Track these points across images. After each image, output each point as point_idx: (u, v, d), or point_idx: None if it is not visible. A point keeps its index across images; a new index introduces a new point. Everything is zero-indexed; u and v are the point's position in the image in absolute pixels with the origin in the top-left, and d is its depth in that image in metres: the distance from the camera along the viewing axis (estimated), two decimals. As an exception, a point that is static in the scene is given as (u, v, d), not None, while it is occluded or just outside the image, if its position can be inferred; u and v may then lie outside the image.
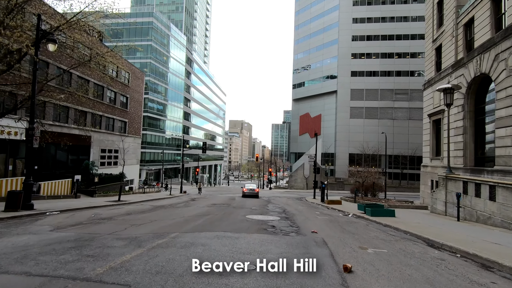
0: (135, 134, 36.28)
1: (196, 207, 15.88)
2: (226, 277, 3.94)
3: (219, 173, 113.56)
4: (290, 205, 20.30)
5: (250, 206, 17.00)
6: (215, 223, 9.38)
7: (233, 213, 12.93)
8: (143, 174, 57.36)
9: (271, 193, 41.06)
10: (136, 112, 36.20)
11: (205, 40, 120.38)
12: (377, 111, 56.75)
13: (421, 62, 55.85)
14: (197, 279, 3.88)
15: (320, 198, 25.28)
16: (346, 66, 58.19)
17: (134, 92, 35.70)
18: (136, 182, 37.04)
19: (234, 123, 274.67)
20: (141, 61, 57.46)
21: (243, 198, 27.39)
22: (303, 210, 16.34)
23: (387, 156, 55.12)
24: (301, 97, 67.43)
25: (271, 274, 4.06)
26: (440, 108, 22.87)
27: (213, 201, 20.84)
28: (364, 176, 25.57)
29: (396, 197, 30.49)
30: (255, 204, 19.58)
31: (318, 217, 12.60)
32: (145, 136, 56.96)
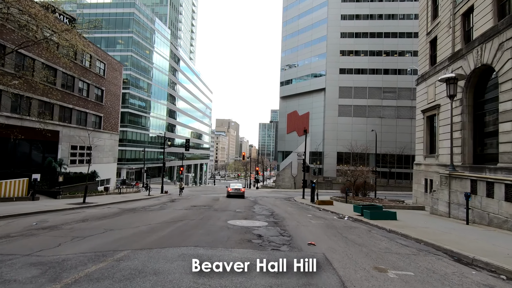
0: (112, 130, 33.64)
1: (172, 210, 13.90)
2: None
3: (205, 172, 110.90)
4: (279, 206, 18.61)
5: (234, 208, 15.17)
6: (187, 233, 7.50)
7: (212, 217, 11.06)
8: (123, 173, 54.38)
9: (258, 193, 39.33)
10: (113, 107, 33.55)
11: (191, 36, 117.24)
12: (365, 109, 56.08)
13: (409, 60, 55.67)
14: None
15: (310, 198, 23.74)
16: (334, 63, 57.20)
17: (111, 84, 33.06)
18: (113, 181, 34.39)
19: (221, 122, 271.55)
20: (121, 54, 54.39)
21: (227, 198, 25.52)
22: (293, 212, 14.65)
23: (376, 155, 54.57)
24: (289, 95, 66.05)
25: None
26: (435, 103, 21.73)
27: (194, 203, 18.85)
28: (356, 175, 24.24)
29: (386, 196, 29.40)
30: (240, 205, 17.75)
31: (311, 221, 10.92)
32: (125, 134, 54.01)
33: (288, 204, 21.36)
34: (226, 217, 11.04)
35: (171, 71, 71.00)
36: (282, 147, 68.46)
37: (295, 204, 22.02)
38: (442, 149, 20.49)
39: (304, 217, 12.63)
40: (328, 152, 56.88)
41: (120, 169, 54.44)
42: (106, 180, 33.00)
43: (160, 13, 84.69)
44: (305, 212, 14.93)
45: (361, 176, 24.38)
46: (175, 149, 73.73)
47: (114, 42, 55.32)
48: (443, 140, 20.30)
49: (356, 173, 24.36)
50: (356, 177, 24.34)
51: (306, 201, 24.08)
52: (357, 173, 24.41)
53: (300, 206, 19.74)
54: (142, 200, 21.54)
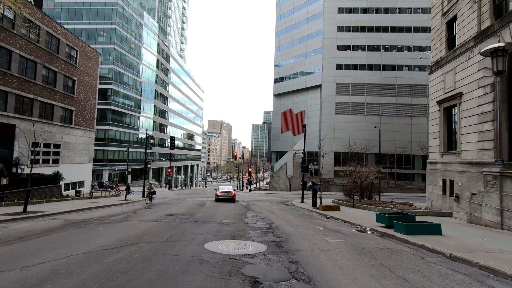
0: (87, 126, 29.84)
1: (136, 222, 10.43)
2: None
3: (196, 174, 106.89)
4: (276, 213, 15.29)
5: (221, 218, 11.77)
6: (115, 282, 4.05)
7: (185, 235, 7.68)
8: (105, 175, 50.29)
9: (251, 196, 35.94)
10: (87, 100, 29.77)
11: (182, 33, 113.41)
12: (363, 107, 53.38)
13: (408, 56, 53.27)
14: None
15: (312, 202, 20.47)
16: (331, 58, 54.40)
17: (85, 75, 29.28)
18: (87, 184, 30.53)
19: (213, 123, 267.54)
20: (104, 47, 50.42)
21: (216, 203, 22.07)
22: (297, 223, 11.35)
23: (375, 155, 51.85)
24: (283, 92, 62.99)
25: None
26: (456, 92, 18.71)
27: (172, 210, 15.37)
28: (363, 176, 21.14)
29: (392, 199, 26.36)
30: (229, 212, 14.38)
31: (329, 240, 7.62)
32: (108, 132, 50.01)
33: (287, 210, 18.04)
34: (205, 236, 7.66)
35: (160, 68, 67.15)
36: (276, 147, 65.26)
37: (295, 209, 18.72)
38: (467, 144, 17.47)
39: (315, 231, 9.33)
40: (325, 152, 53.82)
41: (102, 171, 50.36)
42: (79, 183, 29.15)
43: (148, 7, 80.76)
44: (312, 223, 11.64)
45: (368, 177, 21.27)
46: (163, 149, 69.77)
47: (95, 34, 51.33)
48: (468, 133, 17.27)
49: (363, 174, 21.24)
50: (363, 177, 21.21)
51: (306, 206, 20.83)
52: (364, 174, 21.29)
53: (302, 213, 16.44)
54: (112, 206, 17.92)
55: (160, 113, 68.26)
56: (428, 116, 22.88)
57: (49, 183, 20.18)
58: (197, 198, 28.82)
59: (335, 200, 24.26)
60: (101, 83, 50.29)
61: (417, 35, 53.22)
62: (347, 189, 25.08)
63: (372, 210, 18.04)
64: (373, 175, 21.48)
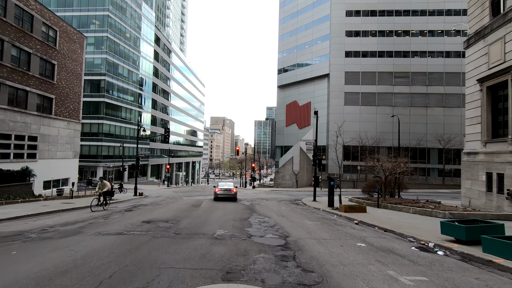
0: (70, 117, 26.65)
1: (89, 235, 7.19)
2: None
3: (198, 171, 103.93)
4: (289, 217, 11.97)
5: (214, 228, 8.48)
6: None
7: (138, 275, 4.33)
8: (99, 172, 47.30)
9: (254, 193, 32.67)
10: (70, 88, 26.55)
11: (181, 26, 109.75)
12: (374, 97, 49.67)
13: (423, 41, 49.34)
14: None
15: (328, 202, 17.12)
16: (339, 45, 50.62)
17: (67, 59, 26.02)
18: (72, 181, 27.40)
19: (215, 119, 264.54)
20: (96, 35, 47.20)
21: (214, 202, 18.84)
22: (323, 233, 8.04)
23: (387, 149, 48.26)
24: (288, 83, 59.37)
25: None
26: (507, 65, 15.11)
27: (156, 213, 12.13)
28: (389, 170, 17.71)
29: (417, 196, 22.87)
30: (227, 217, 11.10)
31: (402, 282, 4.22)
32: (101, 126, 46.94)
33: (300, 211, 14.70)
34: (176, 272, 4.34)
35: (158, 60, 63.77)
36: (280, 142, 61.87)
37: (309, 211, 15.36)
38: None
39: (358, 252, 5.98)
40: (332, 146, 50.30)
41: (96, 168, 47.39)
42: (61, 181, 26.04)
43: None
44: (342, 233, 8.30)
45: (394, 171, 17.86)
46: (162, 145, 66.67)
47: (87, 22, 48.01)
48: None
49: (389, 167, 17.81)
50: (388, 172, 17.79)
51: (321, 206, 17.47)
52: (389, 167, 17.85)
53: (320, 215, 13.08)
54: (84, 209, 14.70)
55: (158, 107, 65.02)
56: (464, 99, 19.29)
57: (15, 180, 17.00)
58: (194, 196, 25.61)
59: (352, 199, 20.91)
60: (93, 74, 47.14)
61: (432, 19, 49.25)
62: (367, 185, 21.70)
63: (404, 211, 14.65)
64: (401, 169, 18.05)
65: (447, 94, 48.57)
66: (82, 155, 47.53)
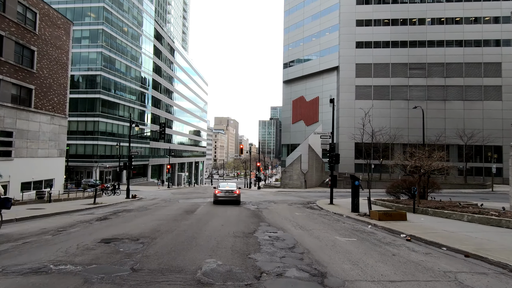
0: (55, 111, 23.85)
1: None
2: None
3: (201, 171, 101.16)
4: (310, 229, 8.85)
5: (202, 257, 5.42)
6: None
7: None
8: (95, 172, 44.62)
9: (260, 194, 29.57)
10: (54, 78, 23.76)
11: (183, 23, 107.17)
12: (388, 90, 46.24)
13: (440, 30, 45.79)
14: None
15: (352, 206, 13.95)
16: (349, 35, 47.32)
17: (50, 46, 23.24)
18: (58, 183, 24.60)
19: (219, 119, 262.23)
20: (91, 28, 44.63)
21: (213, 206, 15.85)
22: (376, 263, 4.96)
23: (402, 146, 44.79)
24: (294, 78, 56.19)
25: None
26: None
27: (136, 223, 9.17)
28: (427, 166, 14.51)
29: (450, 197, 19.52)
30: (225, 230, 8.04)
31: None
32: (97, 124, 44.29)
33: (321, 219, 11.56)
34: None
35: (157, 55, 61.07)
36: (286, 140, 58.71)
37: (331, 218, 12.19)
38: None
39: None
40: (343, 144, 47.07)
41: (92, 168, 44.71)
42: (45, 182, 23.24)
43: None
44: (408, 264, 5.19)
45: (436, 168, 14.67)
46: (163, 144, 63.98)
47: (82, 14, 45.45)
48: None
49: (428, 164, 14.62)
50: (428, 168, 14.60)
51: (343, 210, 14.31)
52: (426, 165, 14.66)
53: (350, 227, 9.91)
54: (50, 217, 11.76)
55: (159, 105, 62.32)
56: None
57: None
58: (193, 199, 22.61)
59: (376, 201, 17.75)
60: (88, 69, 44.57)
61: (450, 5, 45.72)
62: (393, 185, 18.47)
63: (454, 217, 11.43)
64: (439, 166, 14.86)
65: (467, 86, 44.94)
66: (77, 154, 44.96)
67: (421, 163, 14.50)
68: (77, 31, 44.85)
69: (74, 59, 44.95)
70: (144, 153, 56.67)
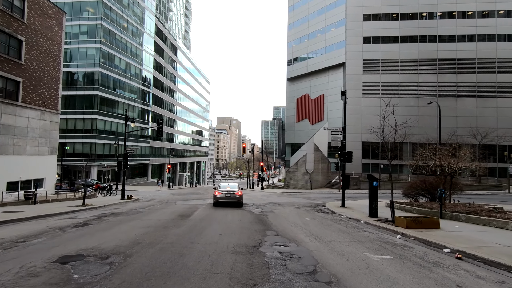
0: (45, 106, 22.37)
1: None
2: None
3: (203, 171, 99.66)
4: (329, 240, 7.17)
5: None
6: None
7: None
8: (93, 172, 43.21)
9: (264, 196, 27.89)
10: (45, 71, 22.28)
11: (185, 21, 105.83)
12: (397, 87, 44.35)
13: (451, 24, 43.84)
14: None
15: (369, 210, 12.24)
16: (356, 31, 45.50)
17: (39, 36, 21.76)
18: (49, 182, 23.08)
19: (222, 120, 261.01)
20: (89, 23, 43.21)
21: (212, 209, 14.21)
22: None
23: (411, 145, 42.87)
24: (298, 75, 54.44)
25: None
26: None
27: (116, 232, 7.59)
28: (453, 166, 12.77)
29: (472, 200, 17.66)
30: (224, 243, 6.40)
31: None
32: (95, 123, 42.83)
33: (337, 226, 9.87)
34: None
35: (159, 53, 59.63)
36: (290, 139, 56.95)
37: (348, 224, 10.49)
38: None
39: None
40: (350, 143, 44.95)
41: (90, 167, 43.23)
42: (34, 182, 21.72)
43: (146, -12, 73.20)
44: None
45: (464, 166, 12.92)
46: (164, 144, 62.54)
47: (80, 9, 44.07)
48: None
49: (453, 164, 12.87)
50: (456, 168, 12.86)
51: (358, 215, 12.60)
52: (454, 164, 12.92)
53: (374, 236, 8.19)
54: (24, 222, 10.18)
55: (160, 103, 60.87)
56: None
57: None
58: (192, 200, 21.01)
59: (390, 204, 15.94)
60: (86, 66, 43.17)
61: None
62: (411, 186, 16.74)
63: (495, 225, 9.67)
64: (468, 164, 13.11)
65: (480, 83, 42.93)
66: (75, 153, 43.58)
67: (448, 161, 12.74)
68: (75, 26, 43.57)
69: (72, 55, 43.64)
70: (144, 153, 55.25)
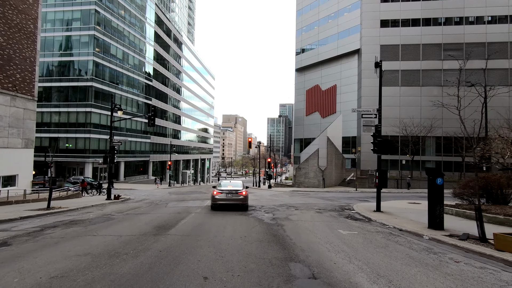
0: (17, 90, 19.08)
1: None
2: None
3: (208, 169, 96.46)
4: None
5: None
6: None
7: None
8: (88, 168, 40.14)
9: (273, 195, 24.21)
10: (16, 50, 18.96)
11: (189, 14, 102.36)
12: (418, 75, 40.10)
13: (480, 3, 39.30)
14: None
15: (429, 218, 8.46)
16: (373, 13, 41.33)
17: (9, 8, 18.43)
18: (24, 180, 19.83)
19: (227, 117, 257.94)
20: (82, 8, 39.94)
21: (210, 213, 10.65)
22: None
23: (435, 139, 38.70)
24: (308, 65, 50.48)
25: None
26: None
27: (25, 268, 3.96)
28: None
29: None
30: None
31: None
32: (88, 116, 39.67)
33: (403, 249, 6.22)
34: None
35: (159, 43, 56.27)
36: (299, 134, 53.10)
37: (418, 247, 6.79)
38: None
39: None
40: (366, 137, 41.03)
41: (84, 164, 40.21)
42: (4, 179, 18.48)
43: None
44: None
45: None
46: (166, 140, 59.36)
47: (72, -7, 40.79)
48: None
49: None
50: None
51: (413, 226, 8.86)
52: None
53: (474, 274, 4.43)
54: None
55: (161, 96, 57.57)
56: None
57: None
58: (188, 201, 17.49)
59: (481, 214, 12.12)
60: (79, 55, 40.00)
61: (493, -26, 39.08)
62: (465, 185, 12.82)
63: None
64: None
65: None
66: (68, 149, 40.57)
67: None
68: (67, 12, 40.40)
69: (64, 43, 40.50)
70: (144, 149, 52.10)
